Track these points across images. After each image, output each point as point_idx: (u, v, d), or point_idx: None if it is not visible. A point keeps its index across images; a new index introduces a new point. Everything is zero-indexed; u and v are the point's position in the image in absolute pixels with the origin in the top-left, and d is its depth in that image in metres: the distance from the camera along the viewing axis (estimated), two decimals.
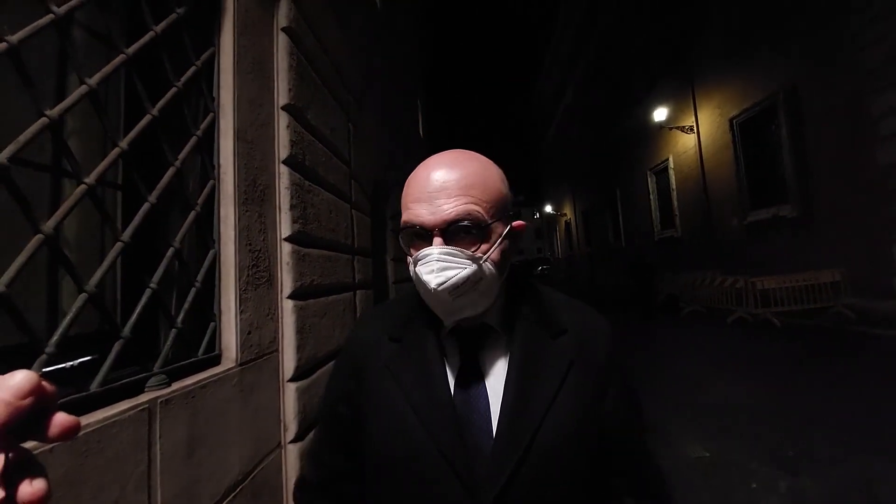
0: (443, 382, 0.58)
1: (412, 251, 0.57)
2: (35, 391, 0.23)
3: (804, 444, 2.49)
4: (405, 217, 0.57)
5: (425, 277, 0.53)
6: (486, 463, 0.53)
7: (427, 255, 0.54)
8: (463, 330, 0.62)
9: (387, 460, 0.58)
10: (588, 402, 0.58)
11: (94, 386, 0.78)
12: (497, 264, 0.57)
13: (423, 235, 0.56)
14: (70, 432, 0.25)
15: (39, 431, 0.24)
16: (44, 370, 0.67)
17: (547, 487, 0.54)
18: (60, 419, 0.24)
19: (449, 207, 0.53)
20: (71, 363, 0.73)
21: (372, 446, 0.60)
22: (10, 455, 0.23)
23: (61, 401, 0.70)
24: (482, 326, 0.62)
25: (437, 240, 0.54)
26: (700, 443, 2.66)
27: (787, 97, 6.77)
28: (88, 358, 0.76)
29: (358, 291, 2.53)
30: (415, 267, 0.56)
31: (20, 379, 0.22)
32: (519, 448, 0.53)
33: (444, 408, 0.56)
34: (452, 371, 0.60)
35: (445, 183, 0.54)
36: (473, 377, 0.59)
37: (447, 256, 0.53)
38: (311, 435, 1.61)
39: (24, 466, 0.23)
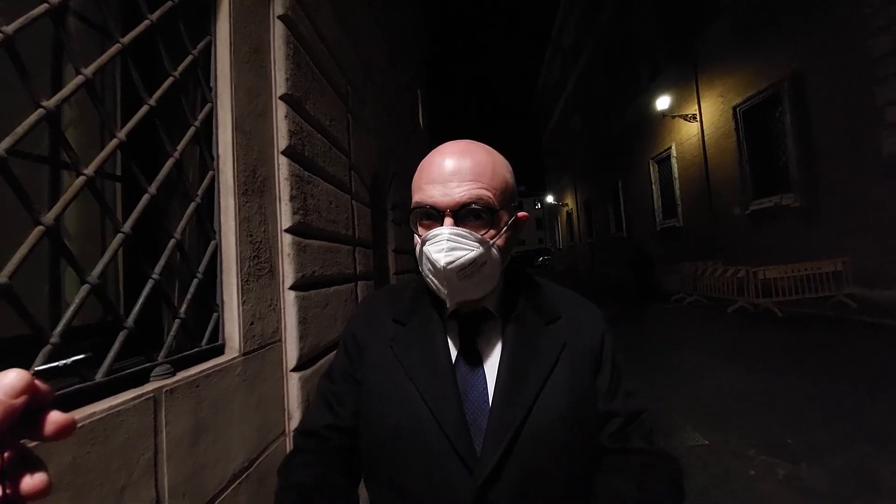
0: (445, 361, 0.60)
1: (421, 231, 0.59)
2: (28, 390, 0.23)
3: (804, 432, 2.51)
4: (417, 197, 0.59)
5: (434, 256, 0.55)
6: (482, 438, 0.55)
7: (437, 235, 0.56)
8: (463, 314, 0.64)
9: (388, 434, 0.59)
10: (581, 383, 0.61)
11: (99, 376, 0.79)
12: (501, 250, 0.59)
13: (434, 216, 0.58)
14: (65, 430, 0.24)
15: (34, 430, 0.24)
16: (36, 368, 0.68)
17: (540, 463, 0.56)
18: (55, 417, 0.24)
19: (461, 191, 0.56)
20: (64, 361, 0.73)
21: (373, 421, 0.61)
22: (6, 454, 0.23)
23: (67, 390, 0.71)
24: (482, 311, 0.64)
25: (448, 220, 0.56)
26: (698, 431, 2.68)
27: (792, 85, 6.68)
28: (82, 356, 0.76)
29: (359, 282, 2.54)
30: (423, 246, 0.57)
31: (12, 378, 0.22)
32: (513, 424, 0.55)
33: (445, 384, 0.58)
34: (453, 352, 0.62)
35: (459, 168, 0.57)
36: (472, 358, 0.62)
37: (457, 237, 0.55)
38: None
39: (24, 463, 0.24)
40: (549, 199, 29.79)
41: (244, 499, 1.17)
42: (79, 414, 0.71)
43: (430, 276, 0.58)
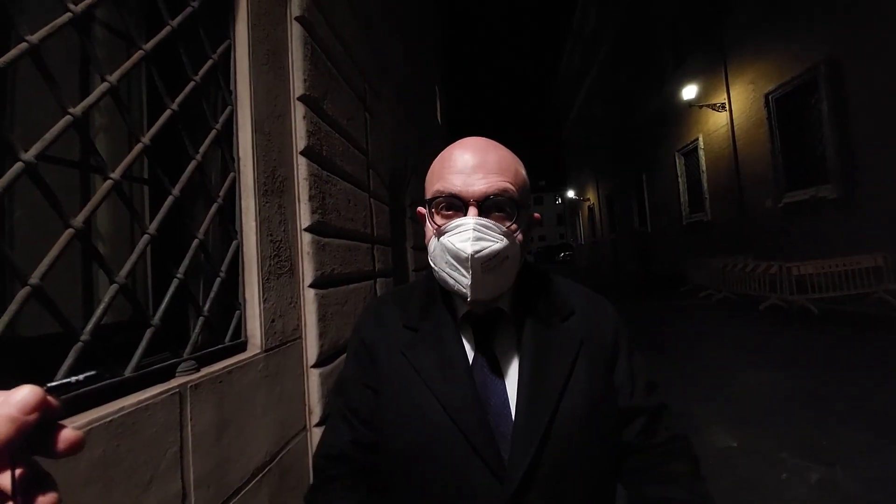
0: (462, 367, 0.58)
1: (440, 220, 0.58)
2: (40, 406, 0.23)
3: (840, 433, 2.40)
4: (438, 186, 0.58)
5: (460, 245, 0.53)
6: (509, 445, 0.54)
7: (461, 225, 0.54)
8: (477, 316, 0.62)
9: (408, 447, 0.58)
10: (599, 381, 0.60)
11: (128, 371, 0.83)
12: (521, 246, 0.59)
13: (456, 206, 0.57)
14: (74, 447, 0.25)
15: (45, 446, 0.24)
16: (48, 385, 0.71)
17: (566, 465, 0.54)
18: (66, 434, 0.24)
19: (487, 182, 0.55)
20: (76, 377, 0.76)
21: (391, 434, 0.60)
22: (18, 471, 0.23)
23: (98, 385, 0.74)
24: (495, 312, 0.62)
25: (473, 210, 0.55)
26: (728, 433, 2.59)
27: (829, 70, 6.32)
28: (93, 373, 0.79)
29: (378, 279, 2.56)
30: (442, 237, 0.56)
31: (25, 394, 0.22)
32: (539, 429, 0.54)
33: (466, 392, 0.57)
34: (469, 356, 0.61)
35: (484, 161, 0.57)
36: (489, 362, 0.60)
37: (483, 228, 0.54)
38: None
39: (36, 479, 0.24)
40: (570, 193, 29.26)
41: (267, 491, 1.21)
42: (109, 408, 0.74)
43: (450, 269, 0.56)
